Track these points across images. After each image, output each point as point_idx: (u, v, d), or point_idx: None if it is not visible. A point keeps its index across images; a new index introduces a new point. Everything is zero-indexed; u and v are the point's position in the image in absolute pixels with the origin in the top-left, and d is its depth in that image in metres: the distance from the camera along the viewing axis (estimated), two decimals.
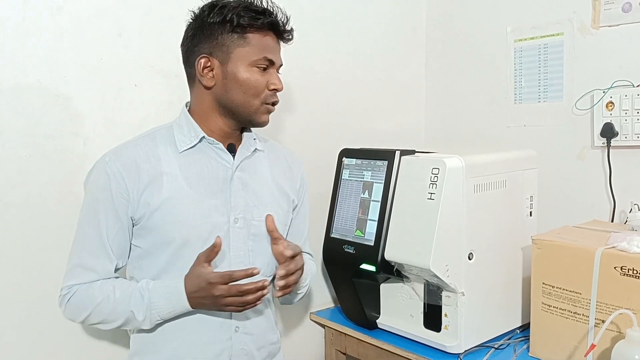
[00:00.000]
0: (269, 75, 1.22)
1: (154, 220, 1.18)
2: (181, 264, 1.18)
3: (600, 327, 1.25)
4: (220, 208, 1.22)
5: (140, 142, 1.23)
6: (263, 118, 1.25)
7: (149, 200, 1.17)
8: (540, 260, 1.40)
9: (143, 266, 1.22)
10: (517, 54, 1.87)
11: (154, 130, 1.27)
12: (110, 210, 1.18)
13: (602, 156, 1.67)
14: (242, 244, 1.24)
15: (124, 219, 1.19)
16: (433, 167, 1.39)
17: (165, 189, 1.18)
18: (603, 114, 1.64)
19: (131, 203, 1.18)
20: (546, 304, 1.39)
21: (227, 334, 1.24)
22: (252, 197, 1.27)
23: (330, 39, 1.89)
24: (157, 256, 1.20)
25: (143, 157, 1.20)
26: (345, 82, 1.94)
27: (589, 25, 1.68)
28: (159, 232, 1.18)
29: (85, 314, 1.18)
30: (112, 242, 1.19)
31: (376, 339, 1.62)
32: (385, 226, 1.48)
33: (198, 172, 1.22)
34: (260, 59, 1.20)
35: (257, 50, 1.20)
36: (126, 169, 1.17)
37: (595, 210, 1.69)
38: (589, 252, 1.29)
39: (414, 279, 1.52)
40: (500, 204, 1.51)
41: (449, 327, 1.46)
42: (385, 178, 1.49)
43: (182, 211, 1.19)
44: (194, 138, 1.23)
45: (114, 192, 1.17)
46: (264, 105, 1.23)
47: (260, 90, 1.21)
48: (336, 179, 1.65)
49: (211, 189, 1.22)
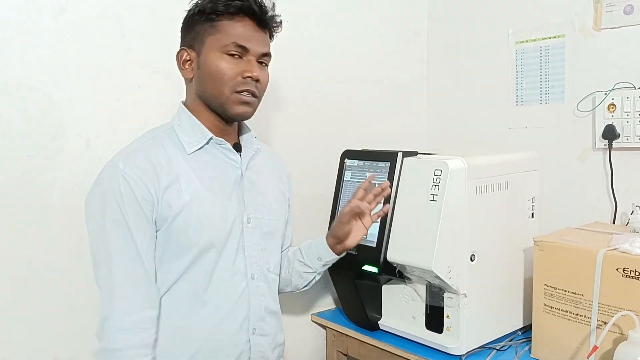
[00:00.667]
0: (244, 63, 1.15)
1: (177, 223, 1.13)
2: (199, 267, 1.16)
3: (602, 328, 1.25)
4: (234, 209, 1.20)
5: (146, 144, 1.17)
6: (236, 109, 1.17)
7: (171, 203, 1.12)
8: (542, 261, 1.40)
9: (161, 270, 1.15)
10: (518, 55, 1.87)
11: (153, 132, 1.21)
12: (139, 216, 1.10)
13: (604, 158, 1.67)
14: (256, 244, 1.24)
15: (152, 224, 1.12)
16: (435, 168, 1.39)
17: (185, 192, 1.14)
18: (605, 115, 1.65)
19: (155, 207, 1.12)
20: (548, 306, 1.39)
21: (246, 337, 1.22)
22: (260, 196, 1.27)
23: (333, 41, 1.89)
24: (175, 262, 1.15)
25: (155, 159, 1.14)
26: (348, 83, 1.95)
27: (591, 27, 1.69)
28: (183, 235, 1.14)
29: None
30: (148, 253, 1.12)
31: (378, 340, 1.62)
32: (388, 227, 1.48)
33: (210, 174, 1.19)
34: (229, 45, 1.14)
35: (226, 36, 1.14)
36: (144, 172, 1.11)
37: (597, 212, 1.69)
38: (591, 253, 1.29)
39: (416, 280, 1.52)
40: (502, 205, 1.52)
41: (451, 329, 1.47)
42: (388, 179, 1.49)
43: (204, 214, 1.15)
44: (202, 139, 1.19)
45: (138, 195, 1.10)
46: (235, 94, 1.15)
47: (230, 78, 1.14)
48: (338, 180, 1.66)
49: (224, 190, 1.20)
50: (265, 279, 1.26)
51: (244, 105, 1.17)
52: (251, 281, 1.22)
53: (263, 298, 1.25)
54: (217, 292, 1.18)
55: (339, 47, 1.91)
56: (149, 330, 1.11)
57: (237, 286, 1.20)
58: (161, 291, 1.17)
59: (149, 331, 1.11)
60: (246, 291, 1.22)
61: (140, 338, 1.10)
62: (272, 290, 1.29)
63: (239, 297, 1.20)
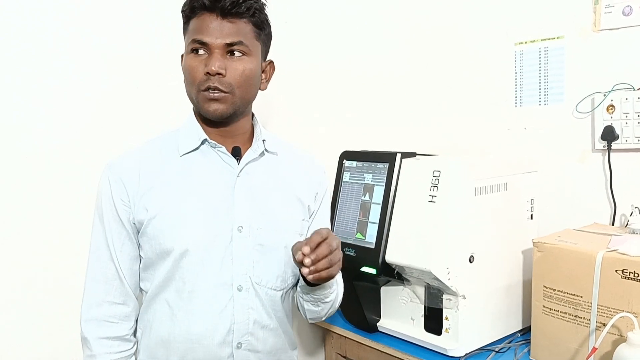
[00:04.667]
0: (206, 58, 1.11)
1: (152, 228, 1.13)
2: (180, 274, 1.13)
3: (601, 330, 1.25)
4: (222, 216, 1.14)
5: (144, 147, 1.20)
6: (206, 107, 1.12)
7: (147, 207, 1.13)
8: (541, 263, 1.39)
9: (148, 277, 1.18)
10: (517, 56, 1.87)
11: (162, 134, 1.23)
12: (113, 217, 1.14)
13: (603, 159, 1.67)
14: (247, 255, 1.16)
15: (128, 226, 1.15)
16: (434, 169, 1.39)
17: (163, 195, 1.13)
18: (604, 117, 1.65)
19: (132, 209, 1.14)
20: (547, 307, 1.38)
21: (229, 350, 1.15)
22: (258, 203, 1.18)
23: (332, 42, 1.89)
24: (157, 266, 1.15)
25: (144, 161, 1.16)
26: (346, 84, 1.95)
27: (590, 29, 1.69)
28: (157, 240, 1.13)
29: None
30: (119, 253, 1.15)
31: (376, 342, 1.61)
32: (386, 229, 1.47)
33: (200, 177, 1.16)
34: (190, 43, 1.12)
35: (190, 34, 1.12)
36: (127, 174, 1.14)
37: (596, 213, 1.69)
38: (590, 255, 1.29)
39: (415, 282, 1.52)
40: (501, 206, 1.51)
41: (450, 331, 1.46)
42: (386, 180, 1.49)
43: (181, 219, 1.13)
44: (196, 140, 1.17)
45: (115, 197, 1.14)
46: (201, 92, 1.11)
47: (195, 77, 1.11)
48: (337, 181, 1.65)
49: (214, 195, 1.15)
50: (255, 292, 1.17)
51: (212, 102, 1.11)
52: (237, 293, 1.15)
53: (251, 311, 1.16)
54: (199, 302, 1.14)
55: (337, 48, 1.91)
56: (118, 325, 1.16)
57: (220, 297, 1.14)
58: (147, 299, 1.18)
59: (118, 325, 1.16)
60: (231, 303, 1.14)
61: (105, 330, 1.15)
62: (266, 304, 1.19)
63: (223, 308, 1.14)
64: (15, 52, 1.31)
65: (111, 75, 1.44)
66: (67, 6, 1.37)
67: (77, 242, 1.36)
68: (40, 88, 1.34)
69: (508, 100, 1.91)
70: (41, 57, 1.34)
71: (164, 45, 1.50)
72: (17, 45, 1.31)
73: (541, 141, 1.81)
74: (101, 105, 1.42)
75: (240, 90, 1.14)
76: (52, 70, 1.36)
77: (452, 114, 2.08)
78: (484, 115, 1.98)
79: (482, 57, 1.97)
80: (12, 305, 1.33)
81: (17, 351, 1.34)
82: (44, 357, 1.37)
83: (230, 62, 1.12)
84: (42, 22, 1.33)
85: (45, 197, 1.36)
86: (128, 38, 1.47)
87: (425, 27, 2.14)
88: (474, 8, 1.99)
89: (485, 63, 1.97)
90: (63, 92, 1.37)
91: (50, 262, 1.37)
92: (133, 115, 1.47)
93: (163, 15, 1.49)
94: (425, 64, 2.15)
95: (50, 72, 1.36)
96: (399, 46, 2.09)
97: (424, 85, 2.16)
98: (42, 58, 1.34)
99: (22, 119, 1.33)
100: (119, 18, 1.44)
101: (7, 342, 1.33)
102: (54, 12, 1.35)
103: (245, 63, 1.13)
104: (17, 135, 1.32)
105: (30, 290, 1.35)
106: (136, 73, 1.47)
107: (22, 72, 1.32)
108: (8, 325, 1.33)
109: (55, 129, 1.37)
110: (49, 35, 1.34)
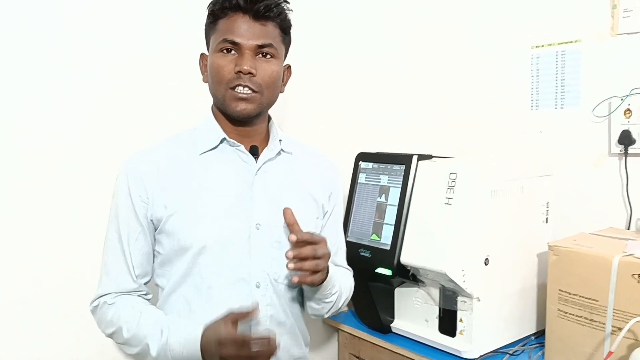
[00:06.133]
0: (237, 58, 1.13)
1: (170, 224, 1.14)
2: (198, 270, 1.15)
3: (617, 334, 1.25)
4: (240, 213, 1.16)
5: (162, 144, 1.21)
6: (233, 106, 1.14)
7: (166, 203, 1.14)
8: (557, 267, 1.40)
9: (165, 273, 1.19)
10: (534, 60, 1.87)
11: (179, 133, 1.24)
12: (130, 213, 1.15)
13: (619, 163, 1.67)
14: (265, 252, 1.17)
15: (144, 222, 1.16)
16: (451, 172, 1.40)
17: (182, 193, 1.15)
18: (621, 121, 1.64)
19: (150, 206, 1.15)
20: (562, 311, 1.39)
21: None
22: (275, 201, 1.19)
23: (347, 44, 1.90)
24: (175, 263, 1.16)
25: (163, 159, 1.17)
26: (361, 86, 1.95)
27: (607, 33, 1.68)
28: (176, 237, 1.14)
29: (111, 330, 1.14)
30: (132, 248, 1.16)
31: (390, 342, 1.62)
32: (402, 230, 1.48)
33: (218, 175, 1.18)
34: (220, 42, 1.13)
35: (219, 33, 1.14)
36: (145, 171, 1.15)
37: (612, 217, 1.68)
38: (606, 259, 1.29)
39: (430, 284, 1.52)
40: (517, 209, 1.52)
41: (464, 333, 1.47)
42: (403, 182, 1.50)
43: (199, 216, 1.14)
44: (215, 139, 1.19)
45: (133, 193, 1.14)
46: (230, 90, 1.13)
47: (224, 75, 1.13)
48: (352, 182, 1.66)
49: (232, 193, 1.17)
50: (274, 289, 1.19)
51: (241, 101, 1.14)
52: (255, 289, 1.16)
53: (269, 308, 1.19)
54: (217, 298, 1.15)
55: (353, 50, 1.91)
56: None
57: (239, 294, 1.15)
58: (164, 295, 1.19)
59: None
60: (249, 300, 1.15)
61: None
62: (283, 301, 1.21)
63: (241, 305, 1.13)
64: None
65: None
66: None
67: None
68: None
69: (524, 103, 1.90)
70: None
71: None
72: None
73: (557, 144, 1.81)
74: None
75: (268, 91, 1.17)
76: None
77: (467, 117, 2.08)
78: (499, 118, 1.98)
79: (498, 60, 1.97)
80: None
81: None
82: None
83: (259, 63, 1.15)
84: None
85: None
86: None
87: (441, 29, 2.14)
88: (491, 11, 1.99)
89: (502, 66, 1.96)
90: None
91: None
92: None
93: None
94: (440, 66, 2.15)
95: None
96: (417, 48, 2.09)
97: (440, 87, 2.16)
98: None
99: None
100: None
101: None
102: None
103: (273, 65, 1.17)
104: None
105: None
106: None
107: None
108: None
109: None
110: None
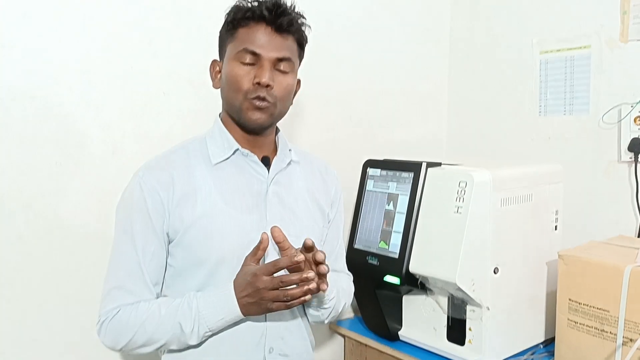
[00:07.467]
0: (255, 69, 1.13)
1: (188, 237, 1.13)
2: (215, 282, 1.13)
3: (628, 345, 1.24)
4: (256, 224, 1.16)
5: (173, 155, 1.18)
6: (249, 115, 1.14)
7: (183, 216, 1.12)
8: (567, 276, 1.38)
9: (176, 285, 1.16)
10: (542, 66, 1.86)
11: (187, 142, 1.22)
12: (147, 227, 1.12)
13: (629, 171, 1.66)
14: None
15: (161, 236, 1.13)
16: (460, 180, 1.39)
17: (199, 205, 1.13)
18: (631, 128, 1.63)
19: (167, 219, 1.12)
20: (572, 320, 1.37)
21: (261, 355, 1.17)
22: (288, 211, 1.21)
23: (355, 51, 1.89)
24: (191, 275, 1.15)
25: (177, 171, 1.15)
26: (369, 93, 1.95)
27: (617, 39, 1.67)
28: (193, 249, 1.13)
29: (129, 336, 1.09)
30: (149, 263, 1.13)
31: (398, 350, 1.61)
32: (411, 238, 1.47)
33: (233, 186, 1.17)
34: (240, 51, 1.13)
35: (239, 43, 1.13)
36: (161, 183, 1.12)
37: (621, 225, 1.67)
38: (617, 269, 1.28)
39: (438, 292, 1.51)
40: (526, 218, 1.50)
41: (473, 341, 1.46)
42: (411, 190, 1.49)
43: (217, 228, 1.13)
44: (228, 150, 1.18)
45: (150, 207, 1.11)
46: (247, 100, 1.13)
47: (242, 85, 1.12)
48: (360, 189, 1.65)
49: (246, 204, 1.17)
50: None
51: (257, 111, 1.14)
52: None
53: (282, 316, 1.20)
54: None
55: (361, 57, 1.91)
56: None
57: None
58: None
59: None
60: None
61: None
62: (295, 309, 1.22)
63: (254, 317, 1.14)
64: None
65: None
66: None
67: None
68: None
69: (532, 109, 1.90)
70: (68, 64, 1.35)
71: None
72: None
73: (566, 151, 1.80)
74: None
75: (281, 103, 1.17)
76: (78, 77, 1.37)
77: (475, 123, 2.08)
78: (508, 124, 1.97)
79: (506, 65, 1.96)
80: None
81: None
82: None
83: (277, 75, 1.15)
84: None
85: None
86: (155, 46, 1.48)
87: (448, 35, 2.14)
88: (500, 16, 1.98)
89: (510, 71, 1.95)
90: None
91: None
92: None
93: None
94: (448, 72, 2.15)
95: (77, 79, 1.37)
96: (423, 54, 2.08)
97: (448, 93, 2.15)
98: (69, 65, 1.35)
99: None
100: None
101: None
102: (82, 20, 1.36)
103: (289, 78, 1.17)
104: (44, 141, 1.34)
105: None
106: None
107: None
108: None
109: (81, 135, 1.39)
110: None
